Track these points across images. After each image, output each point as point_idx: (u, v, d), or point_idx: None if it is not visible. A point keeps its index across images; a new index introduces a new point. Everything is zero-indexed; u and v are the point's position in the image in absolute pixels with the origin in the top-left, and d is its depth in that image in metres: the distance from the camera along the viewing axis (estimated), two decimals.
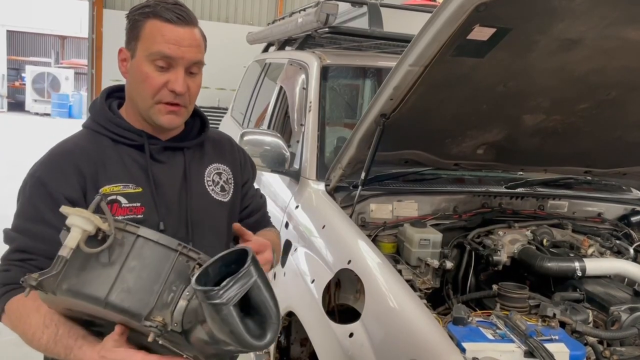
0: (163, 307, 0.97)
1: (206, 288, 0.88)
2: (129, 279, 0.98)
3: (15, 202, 1.33)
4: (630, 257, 2.18)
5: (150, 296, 0.97)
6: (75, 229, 0.98)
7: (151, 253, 1.00)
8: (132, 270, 0.98)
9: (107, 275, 0.97)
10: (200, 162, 1.42)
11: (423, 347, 1.43)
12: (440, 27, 1.54)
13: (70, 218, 0.98)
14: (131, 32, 1.29)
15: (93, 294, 0.97)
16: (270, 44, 4.55)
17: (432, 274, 2.01)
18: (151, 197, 1.30)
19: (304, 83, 2.86)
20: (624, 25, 1.62)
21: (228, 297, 0.87)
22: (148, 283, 0.98)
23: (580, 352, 1.45)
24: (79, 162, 1.27)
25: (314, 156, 2.51)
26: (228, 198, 1.44)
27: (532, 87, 1.92)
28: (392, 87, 1.80)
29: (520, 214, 2.40)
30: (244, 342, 0.91)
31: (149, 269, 0.99)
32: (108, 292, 0.96)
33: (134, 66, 1.29)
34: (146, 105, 1.29)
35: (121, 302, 0.96)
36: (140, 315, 0.96)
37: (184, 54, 1.25)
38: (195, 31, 1.28)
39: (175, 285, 0.99)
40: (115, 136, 1.32)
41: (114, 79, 7.39)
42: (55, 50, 24.45)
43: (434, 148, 2.24)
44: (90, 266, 0.99)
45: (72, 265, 0.99)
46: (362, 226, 2.15)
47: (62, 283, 0.98)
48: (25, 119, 18.68)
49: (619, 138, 2.25)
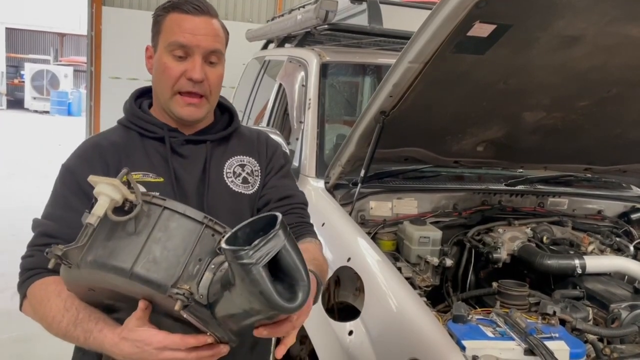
0: (188, 279, 0.97)
1: (236, 247, 0.87)
2: (154, 249, 0.97)
3: (15, 200, 1.33)
4: (631, 254, 2.17)
5: (176, 267, 0.97)
6: (103, 197, 0.98)
7: (177, 225, 1.00)
8: (158, 241, 0.98)
9: (133, 246, 0.97)
10: (222, 155, 1.41)
11: (423, 345, 1.43)
12: (440, 23, 1.53)
13: (99, 187, 0.98)
14: (154, 28, 1.34)
15: (119, 264, 0.96)
16: (269, 41, 4.54)
17: (432, 271, 2.01)
18: (171, 188, 1.31)
19: (303, 80, 2.85)
20: (625, 22, 1.61)
21: (258, 257, 0.87)
22: (174, 254, 0.98)
23: (580, 349, 1.45)
24: (105, 153, 1.32)
25: (314, 153, 2.50)
26: (252, 190, 1.41)
27: (532, 84, 1.92)
28: (392, 84, 1.80)
29: (520, 212, 2.39)
30: (274, 303, 0.88)
31: (175, 240, 0.99)
32: (134, 263, 0.95)
33: (156, 60, 1.33)
34: (166, 97, 1.31)
35: (147, 273, 0.96)
36: (166, 286, 0.96)
37: (199, 42, 1.27)
38: (213, 21, 1.32)
39: (201, 258, 0.99)
40: (141, 130, 1.36)
41: (112, 76, 7.38)
42: (54, 47, 24.41)
43: (434, 145, 2.23)
44: (116, 237, 0.98)
45: (98, 236, 0.99)
46: (361, 224, 2.15)
47: (88, 254, 0.98)
48: (25, 116, 18.66)
49: (619, 135, 2.25)
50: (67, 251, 0.99)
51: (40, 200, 1.40)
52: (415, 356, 1.40)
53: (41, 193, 7.49)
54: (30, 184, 7.97)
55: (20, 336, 3.53)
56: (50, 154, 10.92)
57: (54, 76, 20.60)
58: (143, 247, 0.97)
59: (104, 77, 7.53)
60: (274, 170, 1.47)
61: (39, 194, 7.09)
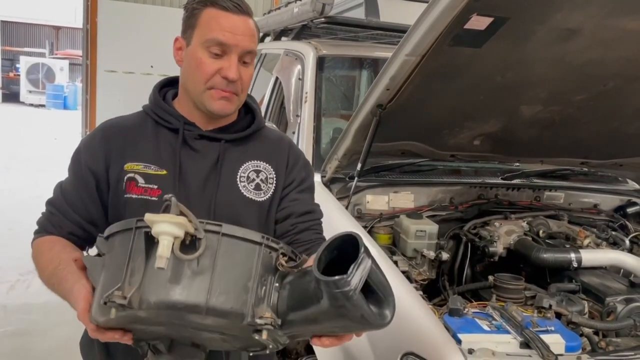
0: (259, 303, 0.95)
1: (336, 278, 0.86)
2: (223, 280, 0.94)
3: (11, 194, 1.35)
4: (626, 248, 2.18)
5: (246, 293, 0.94)
6: (166, 237, 0.91)
7: (239, 250, 0.97)
8: (224, 270, 0.94)
9: (201, 280, 0.93)
10: (239, 157, 1.38)
11: (419, 339, 1.43)
12: (437, 16, 1.53)
13: (158, 227, 0.91)
14: (188, 20, 1.32)
15: (192, 301, 0.92)
16: (266, 34, 4.53)
17: (428, 265, 2.01)
18: (173, 181, 1.29)
19: (300, 74, 2.84)
20: (623, 15, 1.61)
21: (355, 282, 0.87)
22: (242, 281, 0.95)
23: (576, 343, 1.45)
24: (111, 136, 1.33)
25: (310, 147, 2.50)
26: (263, 198, 1.38)
27: (529, 77, 1.91)
28: (389, 77, 1.79)
29: (517, 205, 2.40)
30: (373, 323, 0.91)
31: (239, 266, 0.96)
32: (207, 298, 0.92)
33: (189, 53, 1.31)
34: (198, 91, 1.30)
35: (222, 305, 0.92)
36: (243, 314, 0.93)
37: (238, 41, 1.26)
38: (250, 21, 1.30)
39: (265, 278, 0.97)
40: (158, 118, 1.35)
41: (108, 70, 7.34)
42: (49, 40, 24.29)
43: (431, 139, 2.23)
44: (182, 273, 0.93)
45: (158, 275, 0.93)
46: (358, 217, 2.15)
47: (150, 295, 0.92)
48: (20, 110, 18.59)
49: (615, 129, 2.25)
50: (131, 297, 0.92)
51: (37, 194, 1.41)
52: (411, 349, 1.40)
53: (37, 187, 7.48)
54: (26, 178, 7.94)
55: (16, 330, 3.53)
56: (46, 148, 10.90)
57: (50, 69, 20.51)
58: (212, 279, 0.93)
59: (100, 71, 7.49)
60: (295, 182, 1.44)
61: (34, 187, 7.10)
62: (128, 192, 1.28)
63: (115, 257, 0.98)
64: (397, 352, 1.44)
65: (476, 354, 1.35)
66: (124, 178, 1.29)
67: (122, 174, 1.29)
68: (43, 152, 10.43)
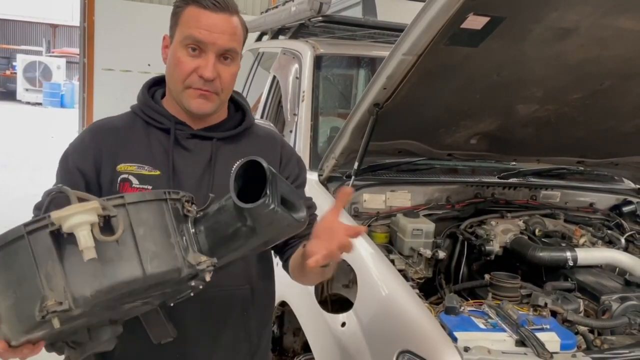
0: (187, 253, 1.00)
1: (260, 201, 0.96)
2: (148, 245, 0.95)
3: (8, 192, 1.34)
4: (622, 247, 2.19)
5: (173, 249, 0.98)
6: (83, 227, 0.89)
7: (148, 212, 0.98)
8: (144, 237, 0.96)
9: (128, 254, 0.94)
10: (232, 155, 1.37)
11: (415, 337, 1.44)
12: (434, 15, 1.53)
13: (71, 220, 0.90)
14: (172, 18, 1.32)
15: (129, 277, 0.93)
16: (263, 33, 4.52)
17: (425, 263, 2.02)
18: (166, 181, 1.29)
19: (297, 72, 2.84)
20: (618, 14, 1.61)
21: (277, 199, 0.98)
22: (164, 239, 0.98)
23: (571, 341, 1.46)
24: (102, 138, 1.31)
25: (307, 146, 2.50)
26: None
27: (525, 76, 1.92)
28: (386, 76, 1.79)
29: (513, 204, 2.40)
30: (297, 227, 1.05)
31: (156, 227, 0.98)
32: (142, 267, 0.93)
33: (171, 51, 1.31)
34: (178, 90, 1.30)
35: (158, 268, 0.95)
36: (180, 268, 0.97)
37: (215, 40, 1.25)
38: (232, 19, 1.29)
39: (181, 229, 1.01)
40: (148, 118, 1.34)
41: (105, 68, 7.33)
42: (46, 38, 24.23)
43: (428, 138, 2.24)
44: (106, 256, 0.92)
45: (83, 267, 0.91)
46: (355, 216, 2.15)
47: (83, 289, 0.91)
48: (17, 108, 18.54)
49: (612, 128, 2.26)
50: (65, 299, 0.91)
51: (33, 192, 1.40)
52: (407, 347, 1.41)
53: (34, 185, 7.46)
54: (23, 176, 7.93)
55: None
56: (43, 146, 10.86)
57: (47, 67, 20.46)
58: (138, 249, 0.94)
59: (97, 69, 7.47)
60: (290, 179, 1.44)
61: (31, 186, 7.08)
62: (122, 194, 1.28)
63: (12, 273, 0.93)
64: (393, 350, 1.44)
65: (472, 352, 1.36)
66: (118, 179, 1.28)
67: (115, 175, 1.28)
68: (40, 150, 10.40)
